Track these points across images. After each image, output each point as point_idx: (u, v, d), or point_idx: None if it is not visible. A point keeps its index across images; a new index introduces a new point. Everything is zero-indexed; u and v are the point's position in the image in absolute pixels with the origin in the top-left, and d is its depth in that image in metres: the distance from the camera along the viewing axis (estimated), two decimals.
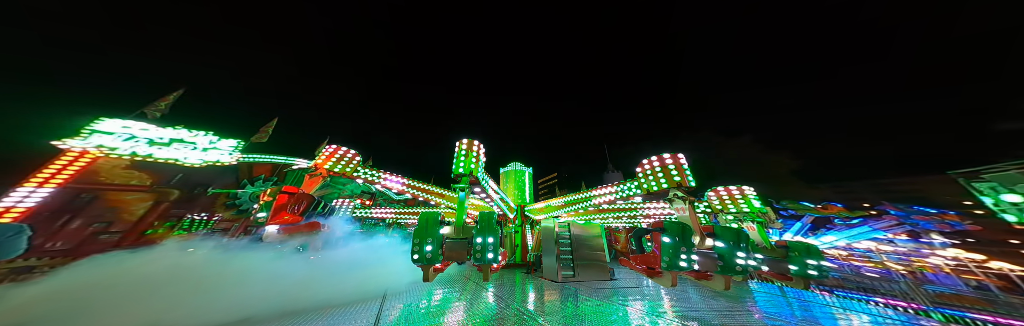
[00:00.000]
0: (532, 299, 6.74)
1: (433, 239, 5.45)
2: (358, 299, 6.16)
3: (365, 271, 7.54)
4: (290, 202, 6.56)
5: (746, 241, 5.94)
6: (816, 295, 8.58)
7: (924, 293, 10.57)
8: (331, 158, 7.46)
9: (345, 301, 5.95)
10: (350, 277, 6.90)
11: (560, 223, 10.67)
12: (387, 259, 8.86)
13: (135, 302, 4.98)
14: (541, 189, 43.95)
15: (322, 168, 7.34)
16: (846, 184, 44.94)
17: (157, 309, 4.86)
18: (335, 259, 8.40)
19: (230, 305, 5.12)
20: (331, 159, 7.45)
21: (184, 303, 5.07)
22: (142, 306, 4.90)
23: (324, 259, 8.33)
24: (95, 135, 11.54)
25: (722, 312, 5.86)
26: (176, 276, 5.86)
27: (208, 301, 5.20)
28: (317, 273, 6.81)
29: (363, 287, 6.69)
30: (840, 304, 7.35)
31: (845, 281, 14.72)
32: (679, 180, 6.80)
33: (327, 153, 7.51)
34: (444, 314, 5.40)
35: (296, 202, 6.67)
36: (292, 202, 6.60)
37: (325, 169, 7.36)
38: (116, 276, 5.83)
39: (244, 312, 5.00)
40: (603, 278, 9.78)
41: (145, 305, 4.94)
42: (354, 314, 5.23)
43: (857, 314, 6.40)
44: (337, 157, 7.54)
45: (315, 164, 7.39)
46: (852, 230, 18.19)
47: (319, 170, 7.31)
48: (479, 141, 7.29)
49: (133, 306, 4.89)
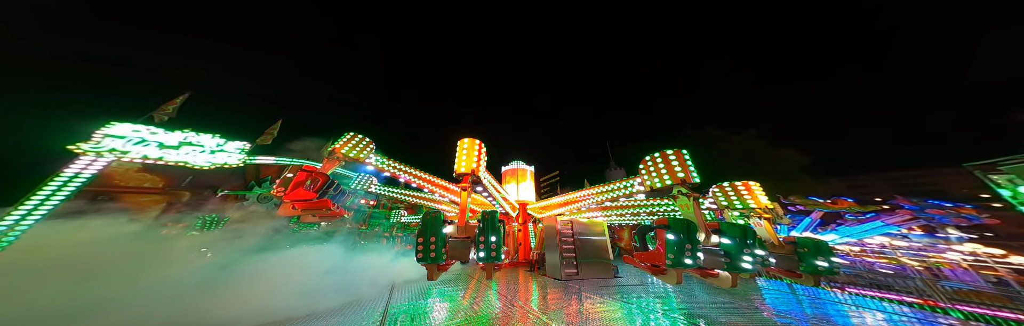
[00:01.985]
0: (536, 297, 6.74)
1: (437, 238, 5.48)
2: (365, 297, 6.25)
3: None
4: (307, 178, 7.02)
5: (753, 238, 5.84)
6: (827, 292, 8.42)
7: (941, 290, 10.29)
8: (348, 144, 8.11)
9: (351, 300, 6.04)
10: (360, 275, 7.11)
11: (562, 221, 10.63)
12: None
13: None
14: (543, 187, 43.88)
15: (339, 151, 7.91)
16: (857, 178, 43.92)
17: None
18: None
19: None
20: (348, 144, 8.10)
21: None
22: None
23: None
24: (107, 139, 11.81)
25: (728, 310, 5.78)
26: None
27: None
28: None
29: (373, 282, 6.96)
30: (853, 301, 7.19)
31: (858, 278, 14.42)
32: (682, 176, 6.70)
33: (345, 139, 8.18)
34: (448, 312, 5.43)
35: (312, 179, 7.11)
36: (309, 178, 7.06)
37: (342, 153, 7.93)
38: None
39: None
40: (607, 276, 9.73)
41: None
42: (361, 313, 5.29)
43: (871, 312, 6.26)
44: (353, 143, 8.22)
45: (334, 148, 7.99)
46: (864, 225, 17.78)
47: (336, 153, 7.91)
48: (480, 140, 7.28)
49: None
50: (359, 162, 8.39)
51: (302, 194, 6.91)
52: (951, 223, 16.85)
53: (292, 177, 7.02)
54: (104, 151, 11.33)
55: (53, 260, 5.83)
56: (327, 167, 7.81)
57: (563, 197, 12.02)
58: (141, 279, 6.06)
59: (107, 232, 8.46)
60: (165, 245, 10.19)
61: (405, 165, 9.84)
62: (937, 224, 17.22)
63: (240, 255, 9.28)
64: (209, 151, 13.93)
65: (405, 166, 9.82)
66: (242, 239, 12.46)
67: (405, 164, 9.89)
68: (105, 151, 11.38)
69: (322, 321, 4.88)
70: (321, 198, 7.42)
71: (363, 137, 8.45)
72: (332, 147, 8.03)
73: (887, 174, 42.38)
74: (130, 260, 6.89)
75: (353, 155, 8.08)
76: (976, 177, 8.34)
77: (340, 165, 8.42)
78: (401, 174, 9.66)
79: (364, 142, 8.42)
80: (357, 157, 8.16)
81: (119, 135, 12.29)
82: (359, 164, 8.57)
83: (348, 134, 8.25)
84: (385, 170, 9.18)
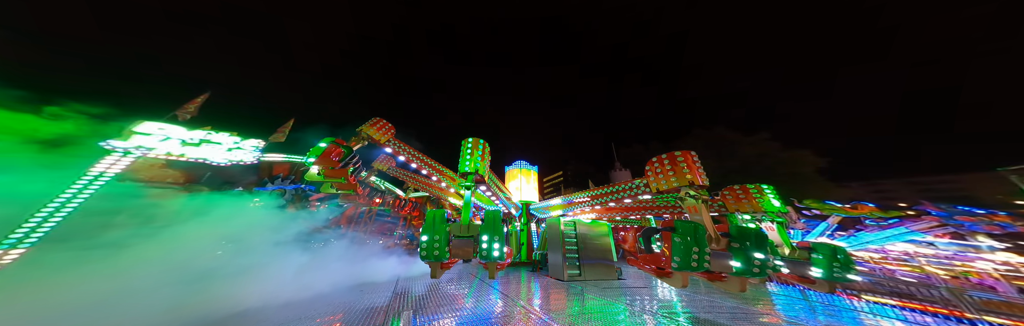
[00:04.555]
0: (538, 297, 6.75)
1: (440, 237, 5.56)
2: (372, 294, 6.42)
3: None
4: (336, 149, 8.09)
5: (765, 242, 5.67)
6: (842, 299, 8.09)
7: (969, 300, 9.73)
8: (374, 126, 9.17)
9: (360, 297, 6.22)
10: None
11: (566, 222, 10.56)
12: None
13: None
14: (547, 187, 43.64)
15: (366, 132, 9.05)
16: (879, 182, 41.88)
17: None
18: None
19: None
20: (373, 127, 9.16)
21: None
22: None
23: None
24: (135, 137, 12.45)
25: (735, 314, 5.64)
26: None
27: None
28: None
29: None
30: (870, 309, 6.89)
31: (878, 285, 13.77)
32: (691, 178, 6.56)
33: (372, 122, 9.22)
34: (451, 311, 5.50)
35: (338, 151, 8.16)
36: (337, 150, 8.11)
37: (368, 134, 9.08)
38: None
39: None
40: (610, 277, 9.63)
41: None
42: (366, 312, 5.42)
43: (889, 320, 5.99)
44: (378, 126, 9.26)
45: (361, 129, 9.12)
46: (885, 231, 16.95)
47: (363, 133, 9.11)
48: (485, 140, 7.34)
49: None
50: (380, 144, 9.43)
51: (329, 162, 7.93)
52: (982, 231, 15.87)
53: (325, 146, 7.98)
54: (133, 148, 11.96)
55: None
56: (354, 143, 8.90)
57: (567, 197, 11.96)
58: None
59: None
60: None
61: (419, 152, 10.57)
62: (967, 231, 16.25)
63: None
64: (226, 149, 14.50)
65: (418, 153, 10.57)
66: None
67: (419, 151, 10.62)
68: (133, 148, 12.01)
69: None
70: (343, 168, 8.34)
71: (387, 122, 9.47)
72: (359, 129, 9.16)
73: (913, 178, 40.25)
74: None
75: (376, 136, 9.12)
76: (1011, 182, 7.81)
77: (363, 144, 9.38)
78: (414, 160, 10.37)
79: (387, 127, 9.47)
80: (379, 138, 9.20)
81: (146, 133, 12.92)
82: (379, 146, 9.64)
83: (374, 118, 9.30)
84: (400, 153, 10.01)
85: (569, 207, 11.78)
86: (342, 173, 8.43)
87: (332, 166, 8.11)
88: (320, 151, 7.89)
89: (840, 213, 17.78)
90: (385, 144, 9.44)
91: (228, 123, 14.23)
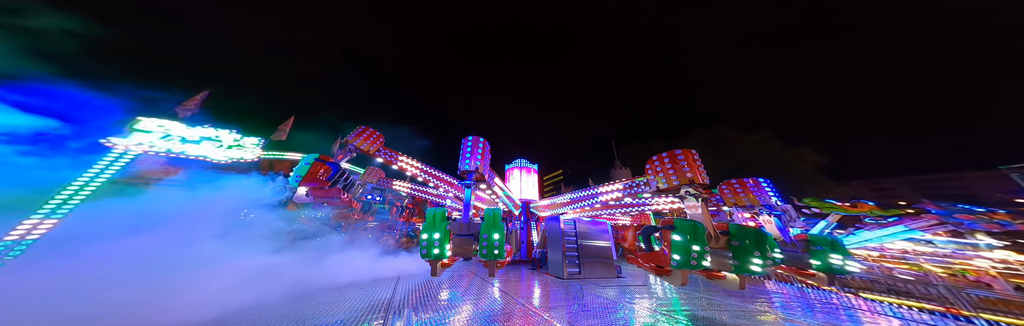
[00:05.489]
0: (537, 295, 6.80)
1: (440, 235, 5.57)
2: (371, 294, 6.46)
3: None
4: (321, 168, 7.50)
5: (764, 241, 5.68)
6: (840, 297, 8.14)
7: (966, 297, 9.80)
8: (360, 136, 8.56)
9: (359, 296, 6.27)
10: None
11: (566, 220, 10.60)
12: None
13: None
14: (547, 186, 43.68)
15: (351, 143, 8.41)
16: (879, 181, 41.86)
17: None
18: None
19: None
20: (360, 137, 8.54)
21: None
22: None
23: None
24: (136, 134, 12.43)
25: (734, 312, 5.68)
26: None
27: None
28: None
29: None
30: (868, 307, 6.94)
31: (875, 283, 13.86)
32: (692, 176, 6.55)
33: (358, 131, 8.58)
34: (451, 309, 5.54)
35: (325, 169, 7.58)
36: (322, 168, 7.52)
37: (354, 145, 8.43)
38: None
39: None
40: (610, 275, 9.69)
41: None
42: (366, 309, 5.46)
43: (887, 318, 6.03)
44: (364, 135, 8.64)
45: (347, 140, 8.47)
46: (885, 229, 16.98)
47: (348, 145, 8.48)
48: (484, 138, 7.31)
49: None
50: (369, 155, 8.70)
51: (317, 181, 7.35)
52: (982, 229, 15.90)
53: (308, 166, 7.42)
54: (133, 145, 11.94)
55: None
56: (339, 158, 8.22)
57: (567, 196, 11.96)
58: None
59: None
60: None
61: (412, 159, 10.05)
62: (966, 230, 16.28)
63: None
64: (226, 146, 14.47)
65: (412, 160, 10.03)
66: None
67: (412, 158, 10.10)
68: (134, 145, 11.99)
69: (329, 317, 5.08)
70: (333, 187, 7.83)
71: (374, 130, 8.77)
72: (345, 139, 8.45)
73: (913, 177, 40.22)
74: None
75: (364, 147, 8.44)
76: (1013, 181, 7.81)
77: (352, 157, 8.68)
78: (408, 168, 9.84)
79: (375, 135, 8.75)
80: (367, 149, 8.48)
81: (147, 130, 12.89)
82: (369, 157, 8.91)
83: (360, 127, 8.62)
84: (393, 163, 9.42)
85: (569, 205, 11.81)
86: (334, 193, 7.88)
87: (321, 186, 7.49)
88: (305, 171, 7.18)
89: (840, 211, 17.79)
90: (375, 154, 8.74)
91: (228, 121, 14.18)
